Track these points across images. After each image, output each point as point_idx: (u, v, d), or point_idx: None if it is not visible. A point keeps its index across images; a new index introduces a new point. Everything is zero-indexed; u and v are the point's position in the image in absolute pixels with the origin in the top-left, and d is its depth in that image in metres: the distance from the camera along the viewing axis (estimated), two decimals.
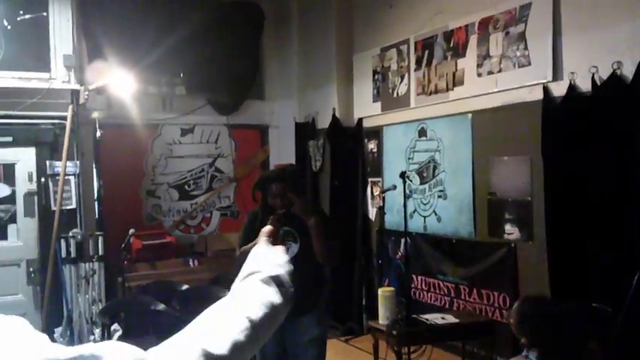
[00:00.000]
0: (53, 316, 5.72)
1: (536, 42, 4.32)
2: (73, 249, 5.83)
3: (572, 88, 4.00)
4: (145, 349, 0.92)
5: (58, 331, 5.66)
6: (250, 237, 3.23)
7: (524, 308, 2.67)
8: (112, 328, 5.21)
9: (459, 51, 5.01)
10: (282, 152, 7.24)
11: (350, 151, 6.37)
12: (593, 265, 3.78)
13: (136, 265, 6.28)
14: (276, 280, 1.05)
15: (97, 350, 0.82)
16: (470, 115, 4.97)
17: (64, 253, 5.79)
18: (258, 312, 0.98)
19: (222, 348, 0.90)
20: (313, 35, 6.77)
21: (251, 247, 1.27)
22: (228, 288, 1.10)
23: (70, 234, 5.85)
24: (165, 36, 6.24)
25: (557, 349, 2.49)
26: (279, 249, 1.20)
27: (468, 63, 4.93)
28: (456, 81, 5.05)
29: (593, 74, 3.84)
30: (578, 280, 3.83)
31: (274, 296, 1.03)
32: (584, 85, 3.94)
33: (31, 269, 5.91)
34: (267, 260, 1.12)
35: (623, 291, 3.52)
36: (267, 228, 1.31)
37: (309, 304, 3.56)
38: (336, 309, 6.25)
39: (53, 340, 5.53)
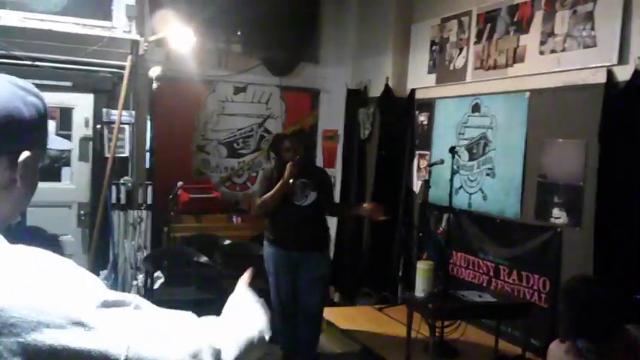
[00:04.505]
0: (99, 259, 5.92)
1: (604, 23, 4.15)
2: (123, 196, 5.99)
3: (637, 73, 3.84)
4: (185, 298, 0.97)
5: (103, 273, 5.88)
6: (267, 188, 4.32)
7: (571, 284, 2.65)
8: (155, 275, 5.39)
9: (523, 26, 4.86)
10: (331, 118, 7.22)
11: (400, 121, 6.31)
12: (638, 256, 3.68)
13: (182, 217, 6.44)
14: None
15: (137, 301, 0.88)
16: (528, 93, 4.83)
17: (114, 199, 5.95)
18: None
19: None
20: (373, 1, 6.66)
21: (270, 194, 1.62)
22: None
23: (121, 181, 6.00)
24: None
25: (596, 329, 2.42)
26: (257, 303, 1.26)
27: (530, 40, 4.78)
28: (517, 57, 4.91)
29: None
30: (622, 270, 3.74)
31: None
32: None
33: (82, 212, 6.11)
34: (252, 317, 1.19)
35: None
36: (246, 277, 1.34)
37: (318, 244, 4.47)
38: (372, 277, 6.31)
39: None
